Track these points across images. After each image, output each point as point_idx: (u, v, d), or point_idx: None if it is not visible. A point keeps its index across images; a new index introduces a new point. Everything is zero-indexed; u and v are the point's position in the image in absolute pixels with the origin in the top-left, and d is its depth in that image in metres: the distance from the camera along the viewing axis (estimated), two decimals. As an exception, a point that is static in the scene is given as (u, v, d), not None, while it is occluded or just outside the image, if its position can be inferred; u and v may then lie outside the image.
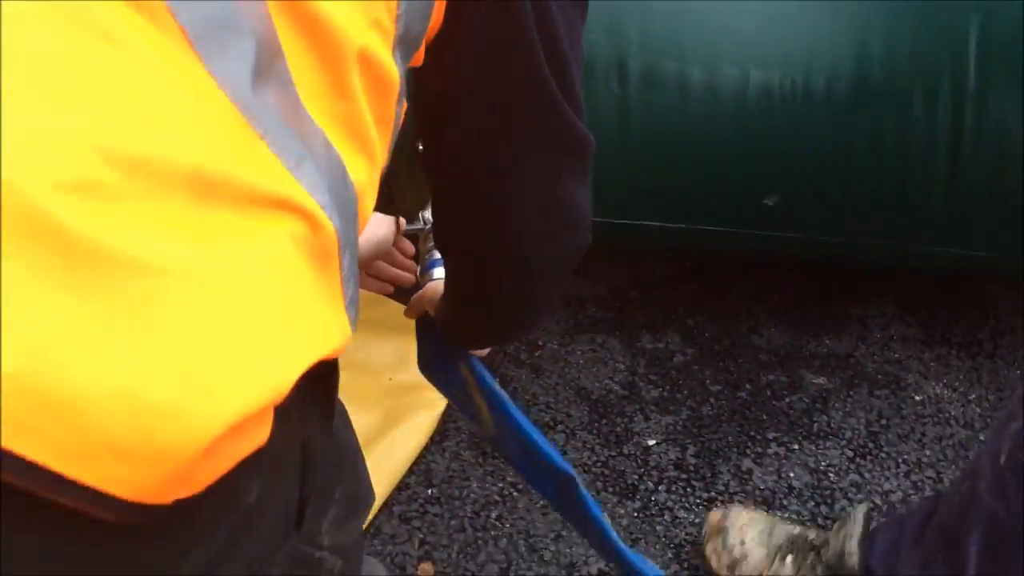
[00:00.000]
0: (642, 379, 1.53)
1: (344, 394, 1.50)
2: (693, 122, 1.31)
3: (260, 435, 0.43)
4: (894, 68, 1.26)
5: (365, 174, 0.51)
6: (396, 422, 1.42)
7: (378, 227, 1.02)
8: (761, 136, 1.31)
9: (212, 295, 0.39)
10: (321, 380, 0.54)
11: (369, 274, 1.06)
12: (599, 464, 1.40)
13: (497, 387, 0.99)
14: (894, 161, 1.30)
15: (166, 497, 0.39)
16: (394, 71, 0.51)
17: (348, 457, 0.64)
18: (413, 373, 1.49)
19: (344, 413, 0.64)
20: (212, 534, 0.45)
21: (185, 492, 0.40)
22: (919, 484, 1.39)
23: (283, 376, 0.41)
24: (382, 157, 0.54)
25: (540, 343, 1.59)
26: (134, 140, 0.38)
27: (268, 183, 0.42)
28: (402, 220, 1.05)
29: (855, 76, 1.27)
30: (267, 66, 0.43)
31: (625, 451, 1.42)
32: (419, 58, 0.58)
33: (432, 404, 1.44)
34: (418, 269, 1.11)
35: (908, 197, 1.34)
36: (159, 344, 0.37)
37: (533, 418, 1.46)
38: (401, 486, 1.36)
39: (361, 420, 1.41)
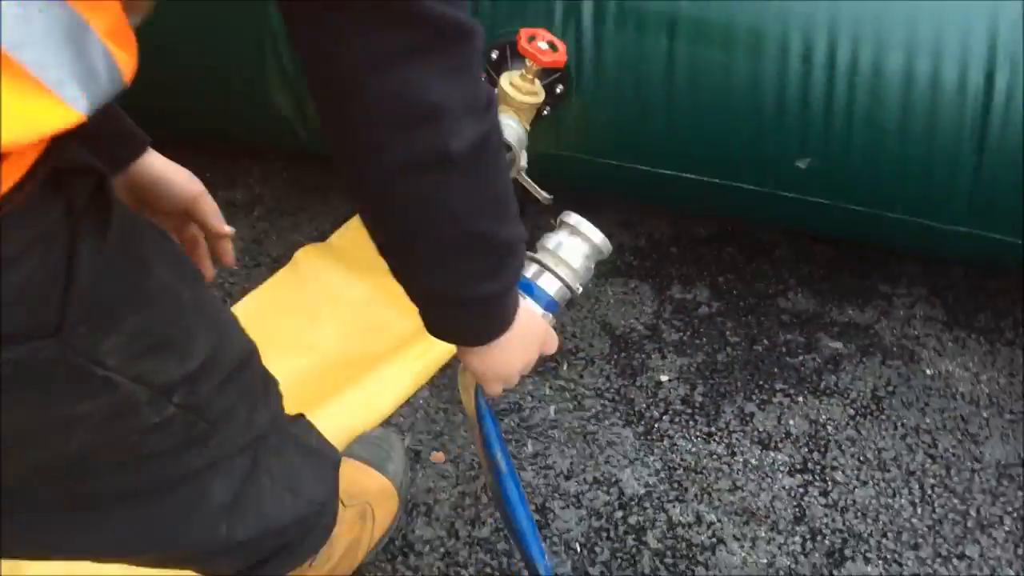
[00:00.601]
0: (666, 323, 1.64)
1: (388, 300, 1.63)
2: (736, 81, 1.40)
3: None
4: (925, 48, 1.33)
5: None
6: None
7: (181, 177, 0.93)
8: (798, 101, 1.40)
9: None
10: (95, 193, 0.62)
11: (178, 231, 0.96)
12: (611, 391, 1.51)
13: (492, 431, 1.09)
14: (921, 137, 1.37)
15: None
16: None
17: (166, 299, 0.70)
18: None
19: (179, 264, 0.74)
20: None
21: None
22: (913, 447, 1.46)
23: None
24: None
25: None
26: None
27: None
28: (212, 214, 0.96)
29: (889, 53, 1.34)
30: None
31: (638, 383, 1.53)
32: None
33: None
34: None
35: (934, 174, 1.41)
36: None
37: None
38: (428, 386, 1.49)
39: (401, 323, 1.55)
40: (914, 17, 1.34)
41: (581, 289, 1.03)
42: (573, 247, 1.02)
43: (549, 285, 1.01)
